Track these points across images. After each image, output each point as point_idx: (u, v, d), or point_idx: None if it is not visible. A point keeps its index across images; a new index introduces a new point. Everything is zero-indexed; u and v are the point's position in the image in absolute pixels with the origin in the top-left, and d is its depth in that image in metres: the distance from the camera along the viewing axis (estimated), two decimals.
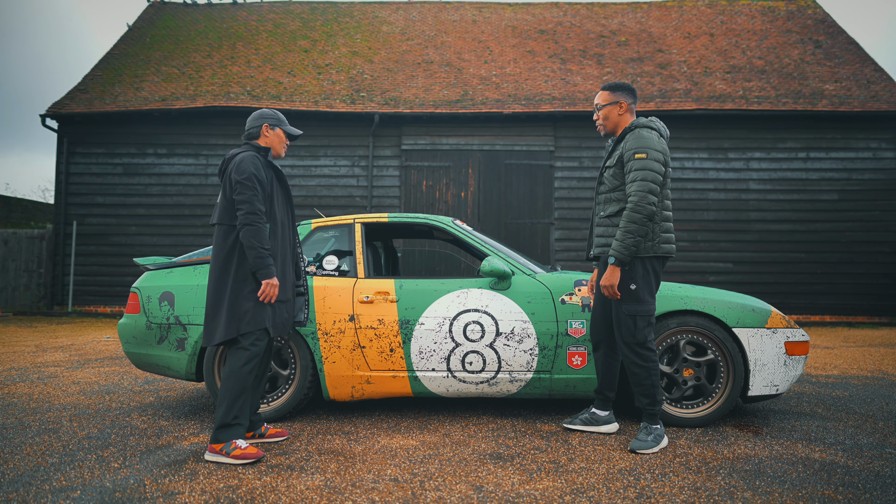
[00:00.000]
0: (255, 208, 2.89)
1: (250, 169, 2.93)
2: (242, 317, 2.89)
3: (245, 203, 2.89)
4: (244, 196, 2.90)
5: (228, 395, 2.86)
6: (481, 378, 3.53)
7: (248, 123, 3.16)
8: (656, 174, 3.00)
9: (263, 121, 3.13)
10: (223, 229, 2.97)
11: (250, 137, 3.14)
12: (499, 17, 15.29)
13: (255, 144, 3.10)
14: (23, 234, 12.27)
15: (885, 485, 2.55)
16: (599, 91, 3.28)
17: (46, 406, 3.97)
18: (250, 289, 2.92)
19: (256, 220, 2.89)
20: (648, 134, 3.07)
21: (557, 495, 2.42)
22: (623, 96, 3.22)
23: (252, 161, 2.97)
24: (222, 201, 3.01)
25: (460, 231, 3.89)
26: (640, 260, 3.07)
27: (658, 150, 3.02)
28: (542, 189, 11.75)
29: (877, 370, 5.66)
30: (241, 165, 2.95)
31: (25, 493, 2.41)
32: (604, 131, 3.28)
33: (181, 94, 12.23)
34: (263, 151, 3.08)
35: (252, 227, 2.87)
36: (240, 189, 2.91)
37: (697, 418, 3.44)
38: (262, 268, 2.88)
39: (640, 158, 3.01)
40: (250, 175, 2.92)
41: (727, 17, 14.75)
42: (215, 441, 2.85)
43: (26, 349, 6.82)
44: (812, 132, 11.58)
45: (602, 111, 3.24)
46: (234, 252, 2.94)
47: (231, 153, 3.08)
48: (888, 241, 11.35)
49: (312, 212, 11.56)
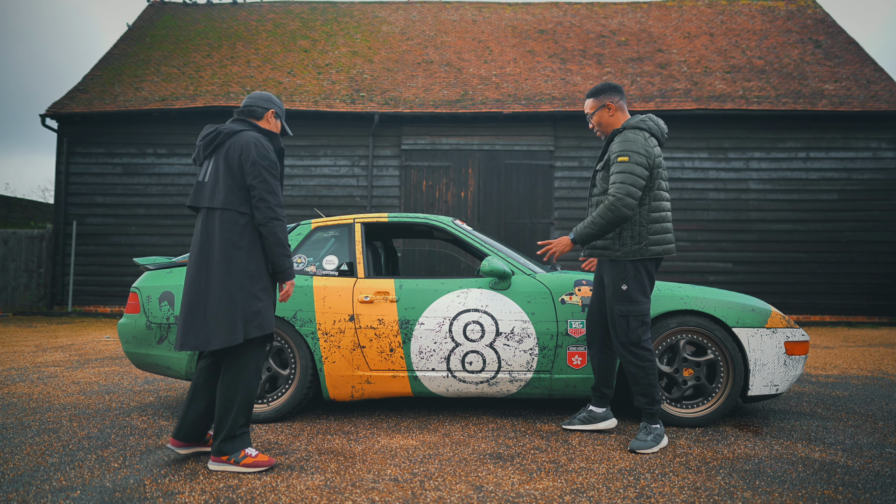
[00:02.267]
0: (281, 200, 2.61)
1: (272, 155, 2.63)
2: (252, 319, 2.57)
3: (273, 194, 2.58)
4: (271, 185, 2.58)
5: (237, 404, 2.62)
6: (481, 378, 3.53)
7: (251, 100, 2.79)
8: (636, 177, 3.00)
9: (272, 106, 2.81)
10: (228, 215, 2.59)
11: (251, 115, 2.77)
12: (499, 17, 15.28)
13: (255, 125, 2.76)
14: (23, 234, 12.27)
15: (885, 485, 2.55)
16: (585, 100, 3.29)
17: (46, 406, 3.97)
18: (261, 287, 2.62)
19: (283, 213, 2.61)
20: (633, 136, 3.06)
21: (557, 495, 2.42)
22: (608, 97, 3.22)
23: (268, 145, 2.66)
24: (226, 183, 2.60)
25: (460, 231, 3.89)
26: (631, 262, 3.08)
27: (641, 152, 3.02)
28: (542, 189, 11.75)
29: (877, 370, 5.66)
30: (261, 149, 2.61)
31: (25, 493, 2.41)
32: (603, 136, 3.30)
33: (181, 94, 12.23)
34: (269, 135, 2.76)
35: (280, 223, 2.59)
36: (265, 175, 2.58)
37: (697, 418, 3.44)
38: (290, 267, 2.65)
39: (621, 161, 3.02)
40: (273, 162, 2.62)
41: (727, 17, 14.75)
42: (221, 454, 2.64)
43: (26, 349, 6.82)
44: (812, 132, 11.58)
45: (594, 118, 3.27)
46: (243, 243, 2.59)
47: (228, 128, 2.69)
48: (888, 241, 11.35)
49: (312, 212, 11.56)
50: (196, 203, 2.69)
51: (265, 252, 2.68)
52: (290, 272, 2.68)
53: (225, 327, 2.55)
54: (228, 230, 2.59)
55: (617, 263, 3.12)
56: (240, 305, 2.57)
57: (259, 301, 2.60)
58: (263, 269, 2.67)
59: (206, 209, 2.65)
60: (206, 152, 2.71)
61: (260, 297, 2.61)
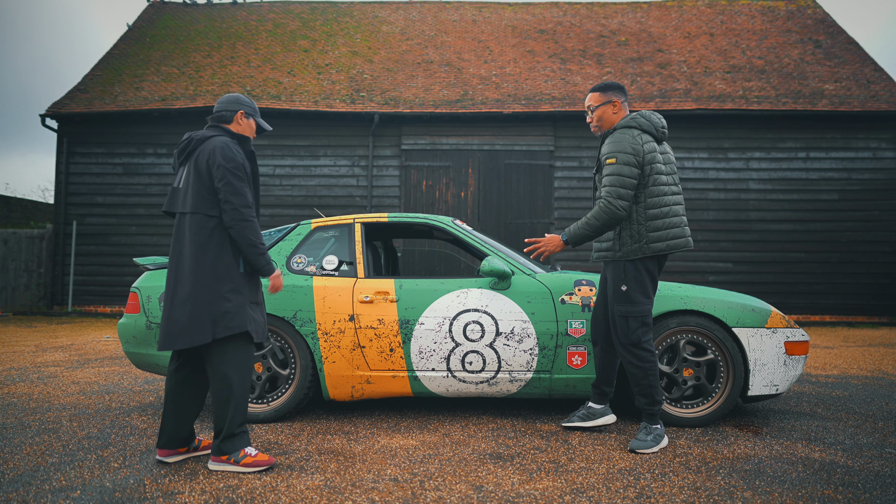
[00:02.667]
0: (248, 201, 2.66)
1: (238, 158, 2.68)
2: (220, 319, 2.63)
3: (238, 195, 2.64)
4: (236, 187, 2.64)
5: (231, 403, 2.65)
6: (481, 378, 3.53)
7: (220, 105, 2.84)
8: (625, 178, 3.02)
9: (240, 107, 2.84)
10: (197, 219, 2.67)
11: (221, 121, 2.83)
12: (499, 17, 15.28)
13: (227, 129, 2.82)
14: (23, 233, 12.27)
15: (885, 485, 2.55)
16: (590, 93, 3.28)
17: (46, 406, 3.97)
18: (230, 287, 2.67)
19: (251, 213, 2.66)
20: (621, 136, 3.08)
21: (557, 495, 2.42)
22: (615, 95, 3.23)
23: (235, 148, 2.72)
24: (195, 187, 2.68)
25: (460, 231, 3.89)
26: (631, 262, 3.08)
27: (628, 151, 3.03)
28: (542, 189, 11.75)
29: (877, 370, 5.66)
30: (227, 152, 2.67)
31: (25, 493, 2.41)
32: (599, 132, 3.29)
33: (181, 94, 12.23)
34: (239, 139, 2.82)
35: (249, 223, 2.65)
36: (229, 178, 2.63)
37: (697, 418, 3.44)
38: (267, 264, 2.71)
39: (610, 164, 3.05)
40: (239, 164, 2.67)
41: (727, 17, 14.75)
42: (220, 453, 2.67)
43: (26, 349, 6.82)
44: (812, 132, 11.58)
45: (596, 112, 3.24)
46: (211, 245, 2.66)
47: (200, 135, 2.76)
48: (888, 241, 11.35)
49: (312, 212, 11.56)
50: (171, 208, 2.79)
51: (238, 253, 2.74)
52: (268, 268, 2.74)
53: (191, 327, 2.62)
54: (197, 233, 2.67)
55: (617, 264, 3.12)
56: (206, 306, 2.63)
57: (227, 301, 2.65)
58: (234, 270, 2.71)
59: (179, 214, 2.75)
60: (181, 159, 2.80)
61: (228, 297, 2.66)
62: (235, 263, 2.73)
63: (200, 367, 2.81)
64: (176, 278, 2.70)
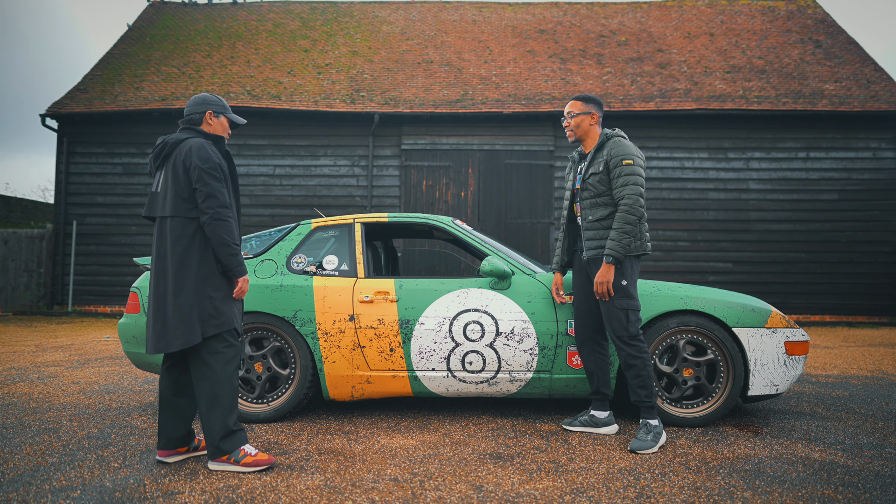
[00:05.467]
0: (225, 201, 2.67)
1: (214, 158, 2.69)
2: (207, 318, 2.66)
3: (213, 196, 2.65)
4: (211, 188, 2.65)
5: (224, 402, 2.67)
6: (481, 378, 3.53)
7: (189, 107, 2.86)
8: (642, 178, 3.19)
9: (207, 107, 2.84)
10: (178, 222, 2.69)
11: (192, 123, 2.84)
12: (499, 16, 15.28)
13: (200, 131, 2.83)
14: (23, 233, 12.27)
15: (885, 485, 2.55)
16: (571, 100, 3.42)
17: (46, 406, 3.97)
18: (214, 287, 2.70)
19: (227, 214, 2.67)
20: (624, 142, 3.27)
21: (557, 495, 2.42)
22: (595, 108, 3.38)
23: (211, 149, 2.73)
24: (173, 190, 2.70)
25: (460, 231, 3.89)
26: (629, 258, 3.20)
27: (639, 155, 3.25)
28: (542, 189, 11.76)
29: (877, 370, 5.66)
30: (203, 153, 2.68)
31: (25, 493, 2.41)
32: (573, 137, 3.41)
33: (181, 93, 12.23)
34: (213, 139, 2.84)
35: (224, 223, 2.65)
36: (206, 179, 2.65)
37: (697, 418, 3.44)
38: (238, 265, 2.71)
39: (627, 164, 3.17)
40: (216, 165, 2.68)
41: (727, 17, 14.75)
42: (220, 454, 2.67)
43: (26, 349, 6.82)
44: (812, 132, 11.58)
45: (575, 119, 3.37)
46: (194, 247, 2.68)
47: (174, 138, 2.78)
48: (888, 240, 11.35)
49: (312, 212, 11.56)
50: (150, 213, 2.80)
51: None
52: (239, 269, 2.73)
53: (182, 329, 2.64)
54: (178, 235, 2.69)
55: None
56: (194, 307, 2.66)
57: (213, 301, 2.69)
58: (217, 269, 2.73)
59: (159, 218, 2.76)
60: (157, 164, 2.81)
61: (214, 297, 2.69)
62: (217, 262, 2.75)
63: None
64: (161, 282, 2.71)
